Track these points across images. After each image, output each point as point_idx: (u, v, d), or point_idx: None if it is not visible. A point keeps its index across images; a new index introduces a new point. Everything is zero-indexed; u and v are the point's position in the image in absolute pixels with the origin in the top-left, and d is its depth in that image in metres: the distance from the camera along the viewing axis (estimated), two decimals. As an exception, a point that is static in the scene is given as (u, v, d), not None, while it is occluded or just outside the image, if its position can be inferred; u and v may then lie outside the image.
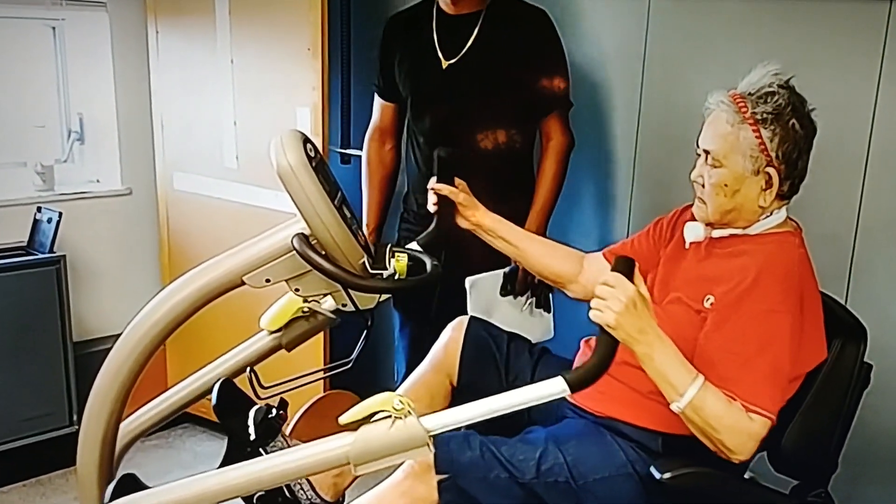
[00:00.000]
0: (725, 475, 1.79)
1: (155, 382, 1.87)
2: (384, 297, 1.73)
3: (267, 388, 1.84)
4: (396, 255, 1.68)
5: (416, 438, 1.48)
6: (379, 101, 2.79)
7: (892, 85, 2.29)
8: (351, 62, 3.25)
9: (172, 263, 3.49)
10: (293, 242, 1.54)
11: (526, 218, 2.54)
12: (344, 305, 1.70)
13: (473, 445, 1.78)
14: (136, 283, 3.55)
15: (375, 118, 2.82)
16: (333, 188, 1.59)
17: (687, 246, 1.93)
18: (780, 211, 1.84)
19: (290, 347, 1.88)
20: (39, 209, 3.20)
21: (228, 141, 3.20)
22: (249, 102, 3.14)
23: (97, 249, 3.46)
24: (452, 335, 2.15)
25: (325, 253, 1.56)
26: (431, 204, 2.08)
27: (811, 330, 1.79)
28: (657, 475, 1.71)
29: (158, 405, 1.93)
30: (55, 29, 3.46)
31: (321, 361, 3.02)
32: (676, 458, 1.78)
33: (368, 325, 1.78)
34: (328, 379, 2.66)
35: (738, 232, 1.85)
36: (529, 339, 2.23)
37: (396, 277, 1.65)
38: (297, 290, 1.65)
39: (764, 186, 1.79)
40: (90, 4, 3.37)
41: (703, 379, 1.66)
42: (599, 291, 1.62)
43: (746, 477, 1.90)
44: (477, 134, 2.54)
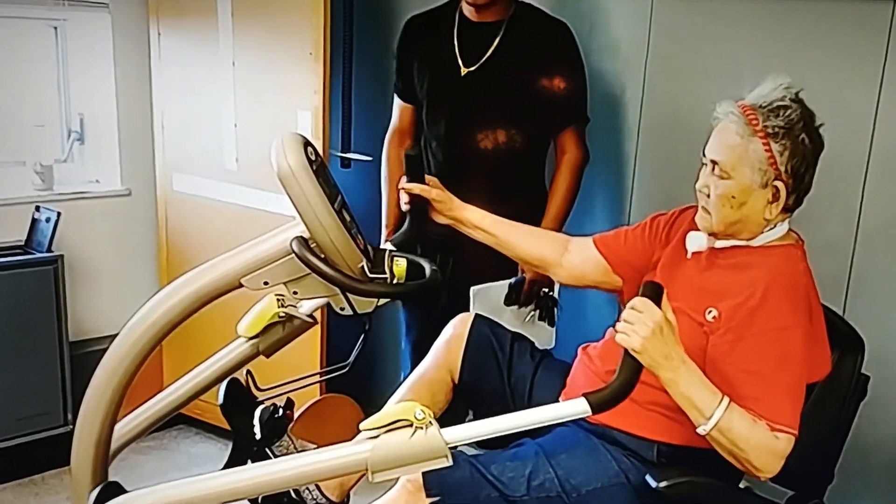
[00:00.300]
0: (722, 485, 1.79)
1: (151, 384, 1.86)
2: (383, 301, 1.72)
3: (263, 390, 1.83)
4: (396, 259, 1.68)
5: (435, 450, 1.46)
6: (398, 102, 2.78)
7: (893, 92, 2.28)
8: (353, 66, 3.24)
9: (171, 265, 3.48)
10: (292, 245, 1.53)
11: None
12: (342, 309, 1.69)
13: (461, 465, 1.77)
14: (133, 283, 3.54)
15: (395, 120, 2.81)
16: (334, 192, 1.59)
17: (689, 255, 1.92)
18: (783, 223, 1.84)
19: (268, 353, 1.83)
20: (38, 208, 3.19)
21: (229, 143, 3.20)
22: (250, 104, 3.14)
23: (95, 249, 3.46)
24: (456, 332, 2.14)
25: (324, 256, 1.55)
26: (403, 203, 2.05)
27: (818, 342, 1.79)
28: (653, 484, 1.71)
29: (151, 407, 1.92)
30: (57, 29, 3.45)
31: (318, 364, 3.02)
32: (672, 467, 1.78)
33: (366, 329, 1.77)
34: (325, 382, 2.66)
35: (741, 244, 1.85)
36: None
37: (395, 282, 1.65)
38: (295, 292, 1.64)
39: (770, 199, 1.78)
40: (92, 5, 3.37)
41: (728, 401, 1.66)
42: (626, 316, 1.62)
43: (742, 487, 1.90)
44: (490, 143, 2.53)
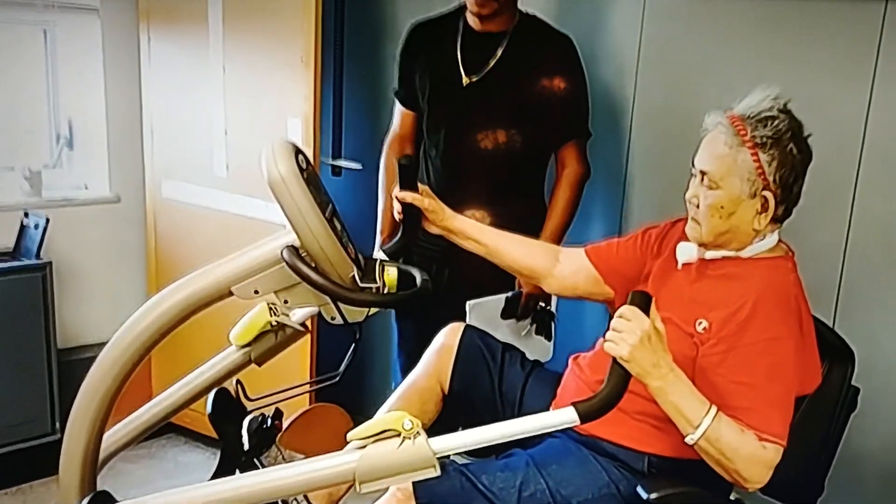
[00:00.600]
0: (712, 496, 1.78)
1: (140, 392, 1.85)
2: (374, 310, 1.71)
3: (253, 400, 1.82)
4: (387, 268, 1.67)
5: (423, 460, 1.45)
6: (400, 108, 2.77)
7: (883, 101, 2.29)
8: (343, 73, 3.24)
9: (159, 272, 3.46)
10: (283, 254, 1.52)
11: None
12: (333, 318, 1.68)
13: (452, 475, 1.77)
14: (122, 291, 3.52)
15: (395, 125, 2.80)
16: (324, 200, 1.58)
17: (679, 266, 1.92)
18: (772, 234, 1.84)
19: (260, 362, 1.82)
20: (26, 214, 3.17)
21: (219, 149, 3.19)
22: (241, 111, 3.13)
23: (84, 256, 3.44)
24: (446, 341, 2.14)
25: (314, 265, 1.54)
26: (396, 213, 2.04)
27: (809, 353, 1.79)
28: (644, 495, 1.71)
29: (141, 416, 1.90)
30: (46, 32, 3.43)
31: (307, 373, 3.01)
32: (663, 478, 1.78)
33: (356, 338, 1.76)
34: (315, 391, 2.64)
35: (730, 254, 1.85)
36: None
37: (386, 291, 1.64)
38: (285, 301, 1.63)
39: (759, 210, 1.79)
40: (82, 9, 3.36)
41: (716, 410, 1.67)
42: (615, 324, 1.62)
43: (733, 499, 1.90)
44: (489, 153, 2.53)
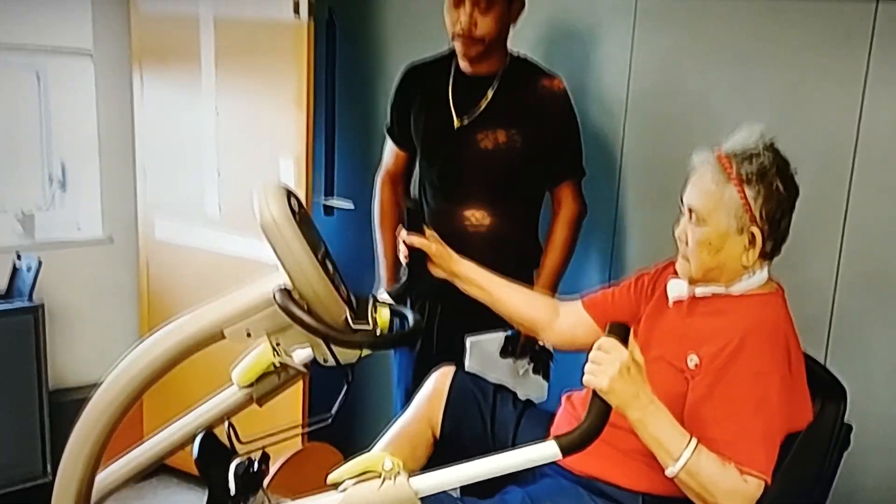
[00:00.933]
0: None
1: (131, 433, 1.84)
2: (366, 352, 1.72)
3: (245, 443, 1.81)
4: (379, 309, 1.68)
5: (404, 500, 1.45)
6: (392, 146, 2.79)
7: (872, 134, 2.31)
8: (335, 115, 3.27)
9: (152, 312, 3.46)
10: (275, 296, 1.53)
11: (525, 280, 2.50)
12: (325, 360, 1.69)
13: None
14: (114, 332, 3.52)
15: (387, 163, 2.81)
16: (317, 242, 1.59)
17: (670, 304, 1.94)
18: (762, 271, 1.85)
19: (261, 402, 1.82)
20: (19, 256, 3.17)
21: (211, 190, 3.20)
22: (233, 152, 3.15)
23: (76, 297, 3.44)
24: (436, 386, 2.14)
25: (307, 307, 1.55)
26: (402, 256, 2.07)
27: (798, 390, 1.80)
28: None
29: (133, 459, 1.90)
30: (39, 75, 3.46)
31: (300, 413, 3.00)
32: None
33: (349, 380, 1.76)
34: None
35: (720, 291, 1.86)
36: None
37: (378, 332, 1.65)
38: (277, 343, 1.63)
39: (747, 245, 1.80)
40: (75, 52, 3.38)
41: (696, 442, 1.66)
42: (594, 356, 1.63)
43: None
44: (484, 194, 2.54)
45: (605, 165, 2.79)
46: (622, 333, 1.66)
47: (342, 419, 1.83)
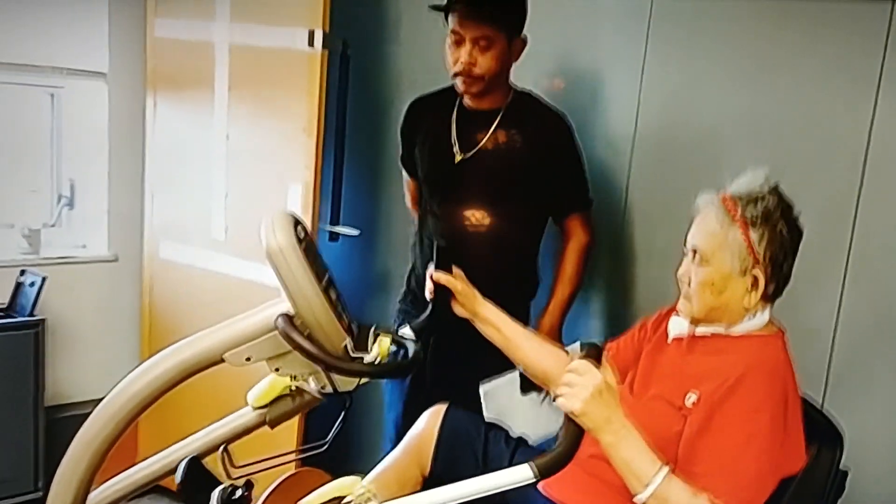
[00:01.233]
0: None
1: (125, 454, 1.85)
2: (365, 380, 1.72)
3: (239, 467, 1.81)
4: (380, 338, 1.69)
5: None
6: (405, 175, 2.85)
7: (876, 178, 2.32)
8: (345, 143, 3.29)
9: (153, 333, 3.47)
10: (277, 323, 1.54)
11: (522, 312, 2.52)
12: (323, 387, 1.70)
13: None
14: (114, 351, 3.52)
15: (406, 187, 2.89)
16: (321, 270, 1.60)
17: (669, 340, 1.94)
18: (763, 313, 1.86)
19: (273, 424, 1.86)
20: (23, 272, 3.19)
21: (218, 213, 3.22)
22: (242, 176, 3.17)
23: (78, 315, 3.45)
24: (427, 426, 2.14)
25: (307, 334, 1.56)
26: (428, 292, 2.10)
27: (793, 434, 1.79)
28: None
29: (131, 476, 1.90)
30: (53, 96, 3.50)
31: (295, 437, 2.99)
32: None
33: (347, 406, 1.77)
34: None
35: (721, 331, 1.87)
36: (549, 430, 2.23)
37: (378, 362, 1.65)
38: (276, 369, 1.65)
39: (750, 287, 1.81)
40: (90, 74, 3.42)
41: (667, 470, 1.65)
42: (566, 379, 1.62)
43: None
44: (481, 230, 2.56)
45: (610, 202, 2.79)
46: (596, 354, 1.66)
47: (336, 445, 1.84)
